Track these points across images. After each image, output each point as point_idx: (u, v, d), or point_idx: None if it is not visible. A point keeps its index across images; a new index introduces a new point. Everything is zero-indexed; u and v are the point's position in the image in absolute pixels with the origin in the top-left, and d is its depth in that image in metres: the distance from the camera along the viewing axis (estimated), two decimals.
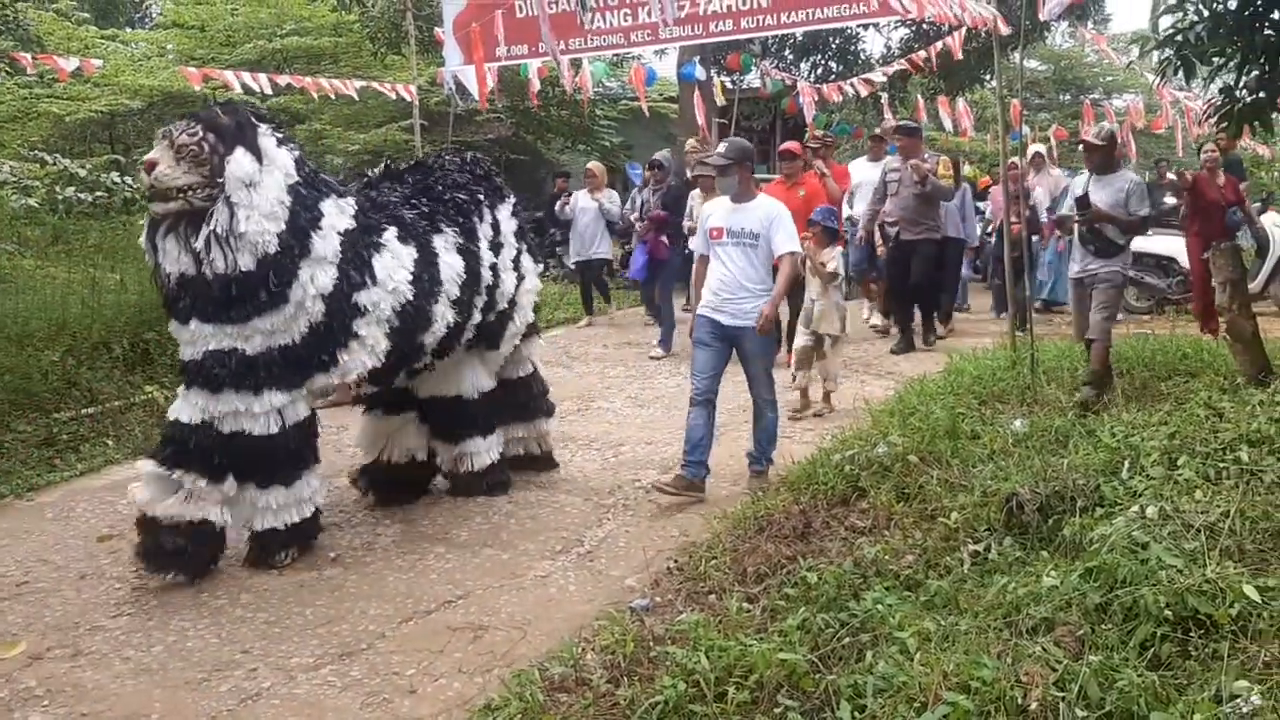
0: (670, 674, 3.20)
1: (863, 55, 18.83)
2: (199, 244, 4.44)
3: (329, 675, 3.85)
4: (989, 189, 12.79)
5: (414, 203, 5.34)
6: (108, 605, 4.53)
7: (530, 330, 6.13)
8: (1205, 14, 5.18)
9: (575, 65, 11.94)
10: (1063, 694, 2.77)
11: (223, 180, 4.47)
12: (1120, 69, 23.84)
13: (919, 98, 16.51)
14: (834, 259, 7.33)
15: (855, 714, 2.89)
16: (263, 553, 4.83)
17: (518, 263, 5.86)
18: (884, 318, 10.74)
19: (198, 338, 4.57)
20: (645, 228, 9.92)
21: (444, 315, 5.21)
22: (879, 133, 12.04)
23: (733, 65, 15.04)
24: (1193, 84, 7.83)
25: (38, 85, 13.75)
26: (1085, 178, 6.91)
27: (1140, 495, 4.09)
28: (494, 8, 9.71)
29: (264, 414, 4.59)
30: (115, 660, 4.00)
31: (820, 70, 18.94)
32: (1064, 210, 7.18)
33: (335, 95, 11.62)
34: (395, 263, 4.97)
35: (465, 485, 5.77)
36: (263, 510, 4.74)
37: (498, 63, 10.35)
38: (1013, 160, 10.82)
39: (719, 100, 14.55)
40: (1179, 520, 3.73)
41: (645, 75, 13.27)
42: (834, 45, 18.74)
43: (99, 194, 11.47)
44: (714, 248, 5.71)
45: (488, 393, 5.81)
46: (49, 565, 4.98)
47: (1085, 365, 6.80)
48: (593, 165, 11.82)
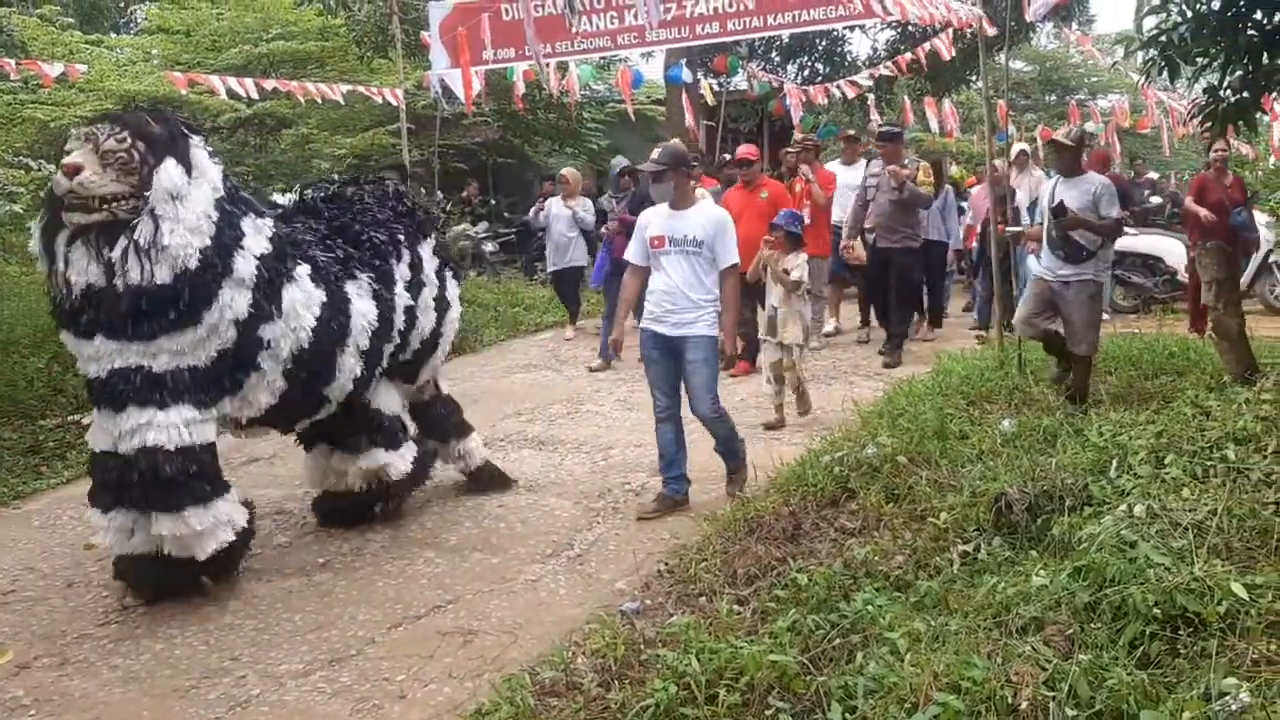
0: (661, 677, 3.20)
1: (849, 57, 18.88)
2: (114, 255, 4.13)
3: (318, 681, 3.83)
4: (973, 189, 12.72)
5: (329, 243, 5.05)
6: (95, 613, 4.51)
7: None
8: (1189, 14, 5.20)
9: (562, 68, 11.95)
10: (1053, 693, 2.78)
11: (149, 193, 4.19)
12: (1105, 69, 23.97)
13: (905, 99, 16.56)
14: (798, 266, 7.01)
15: (846, 715, 2.89)
16: (130, 584, 4.53)
17: (440, 300, 5.68)
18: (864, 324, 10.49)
19: (102, 354, 4.26)
20: (614, 229, 9.71)
21: (351, 368, 4.94)
22: (852, 134, 11.78)
23: (719, 68, 15.05)
24: (1177, 84, 7.84)
25: (22, 91, 13.66)
26: (1054, 181, 6.75)
27: (1128, 494, 4.10)
28: (480, 11, 9.71)
29: (170, 427, 4.26)
30: (103, 669, 3.98)
31: (807, 72, 18.98)
32: (1037, 217, 6.90)
33: (322, 99, 11.59)
34: (304, 300, 4.67)
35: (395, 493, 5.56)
36: (178, 535, 4.37)
37: (484, 66, 10.35)
38: (999, 162, 10.83)
39: (710, 101, 14.58)
40: (1167, 519, 3.75)
41: (632, 78, 13.29)
42: (820, 47, 18.78)
43: None
44: (655, 257, 5.42)
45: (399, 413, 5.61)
46: (36, 573, 4.95)
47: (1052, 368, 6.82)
48: (566, 171, 11.48)
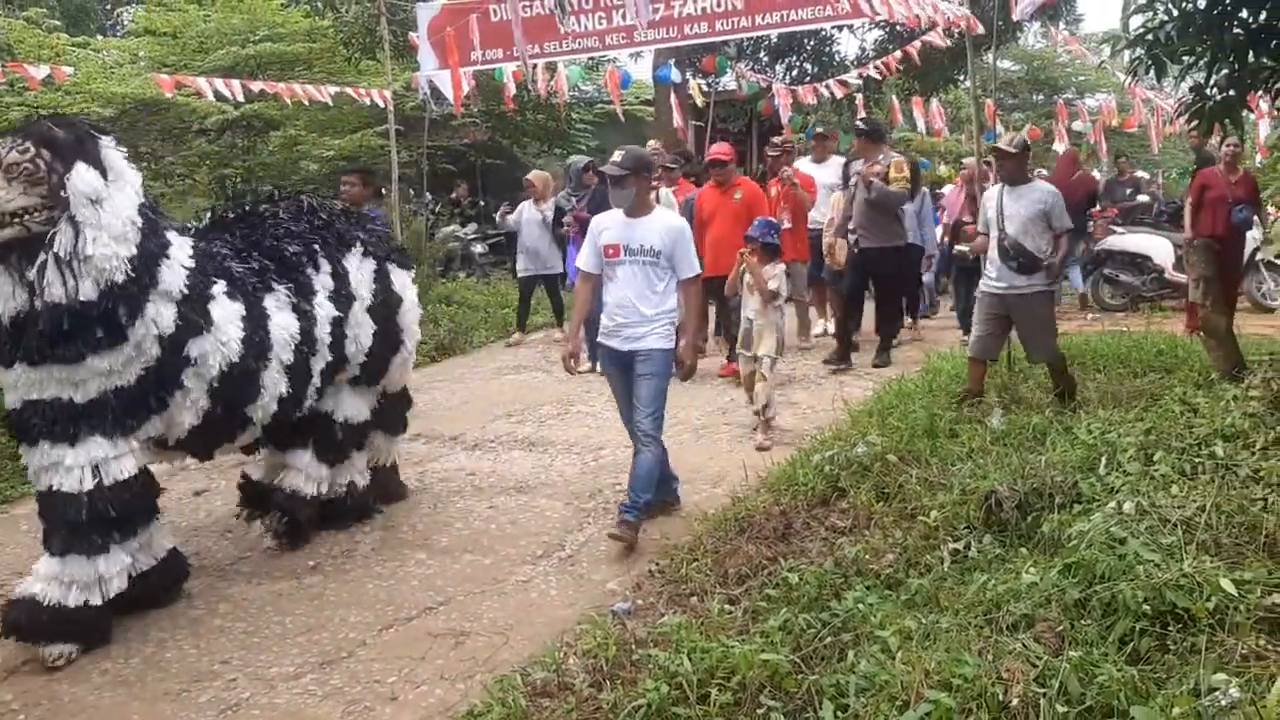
0: (653, 677, 3.20)
1: (838, 57, 18.93)
2: (34, 273, 3.87)
3: (309, 684, 3.82)
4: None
5: (243, 257, 4.78)
6: None
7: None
8: (1175, 13, 5.24)
9: (551, 69, 11.93)
10: (1043, 690, 2.78)
11: (66, 196, 3.92)
12: (1092, 69, 24.05)
13: (894, 99, 16.60)
14: (775, 277, 6.72)
15: (838, 713, 2.89)
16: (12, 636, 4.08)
17: (385, 302, 5.41)
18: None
19: (20, 384, 3.99)
20: (571, 225, 9.51)
21: (275, 384, 4.67)
22: (821, 132, 11.46)
23: (708, 68, 15.08)
24: (1164, 83, 7.85)
25: (8, 94, 13.60)
26: (999, 189, 6.53)
27: (1117, 491, 4.12)
28: (468, 12, 9.70)
29: (78, 468, 4.00)
30: (93, 673, 3.96)
31: (795, 72, 19.02)
32: (986, 220, 6.63)
33: (309, 101, 11.57)
34: (226, 315, 4.43)
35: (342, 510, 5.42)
36: (50, 580, 4.06)
37: (472, 67, 10.34)
38: (969, 160, 10.78)
39: (698, 101, 14.59)
40: (1156, 515, 3.77)
41: (620, 78, 13.29)
42: (809, 47, 18.83)
43: None
44: (609, 267, 5.14)
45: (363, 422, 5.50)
46: (24, 577, 4.92)
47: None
48: (533, 175, 11.12)
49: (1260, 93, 5.63)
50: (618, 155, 5.17)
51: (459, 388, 8.88)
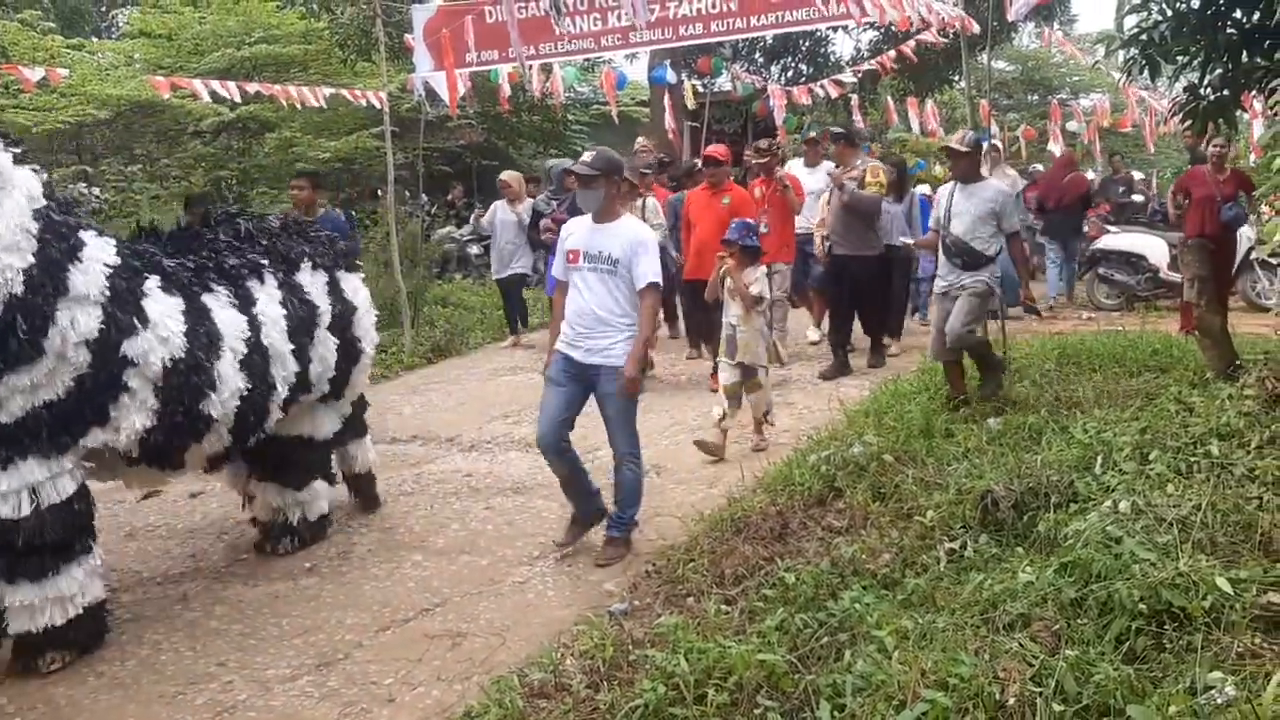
0: (650, 677, 3.20)
1: (833, 58, 18.94)
2: None
3: (306, 686, 3.82)
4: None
5: (179, 260, 4.55)
6: None
7: None
8: (1169, 13, 5.24)
9: (546, 70, 11.93)
10: (1040, 689, 2.79)
11: None
12: (1086, 69, 24.09)
13: (889, 99, 16.61)
14: (757, 280, 6.37)
15: (835, 713, 2.89)
16: (22, 659, 4.01)
17: (342, 315, 5.23)
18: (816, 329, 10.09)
19: None
20: (550, 227, 9.02)
21: (233, 381, 4.43)
22: (814, 136, 11.18)
23: (703, 69, 15.08)
24: (1158, 83, 7.86)
25: (3, 96, 13.61)
26: (951, 188, 6.47)
27: (1113, 490, 4.13)
28: (464, 13, 9.70)
29: (13, 494, 3.79)
30: (89, 675, 3.96)
31: (791, 73, 19.04)
32: (936, 218, 6.56)
33: (304, 103, 11.55)
34: (164, 310, 4.20)
35: (309, 534, 5.25)
36: (14, 610, 3.94)
37: (468, 68, 10.34)
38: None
39: (690, 104, 14.59)
40: (1151, 514, 3.77)
41: (616, 80, 13.29)
42: (804, 48, 18.84)
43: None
44: (571, 273, 4.92)
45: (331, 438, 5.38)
46: None
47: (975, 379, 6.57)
48: (506, 176, 10.93)
49: (1254, 92, 5.64)
50: (588, 155, 4.99)
51: (455, 389, 8.88)
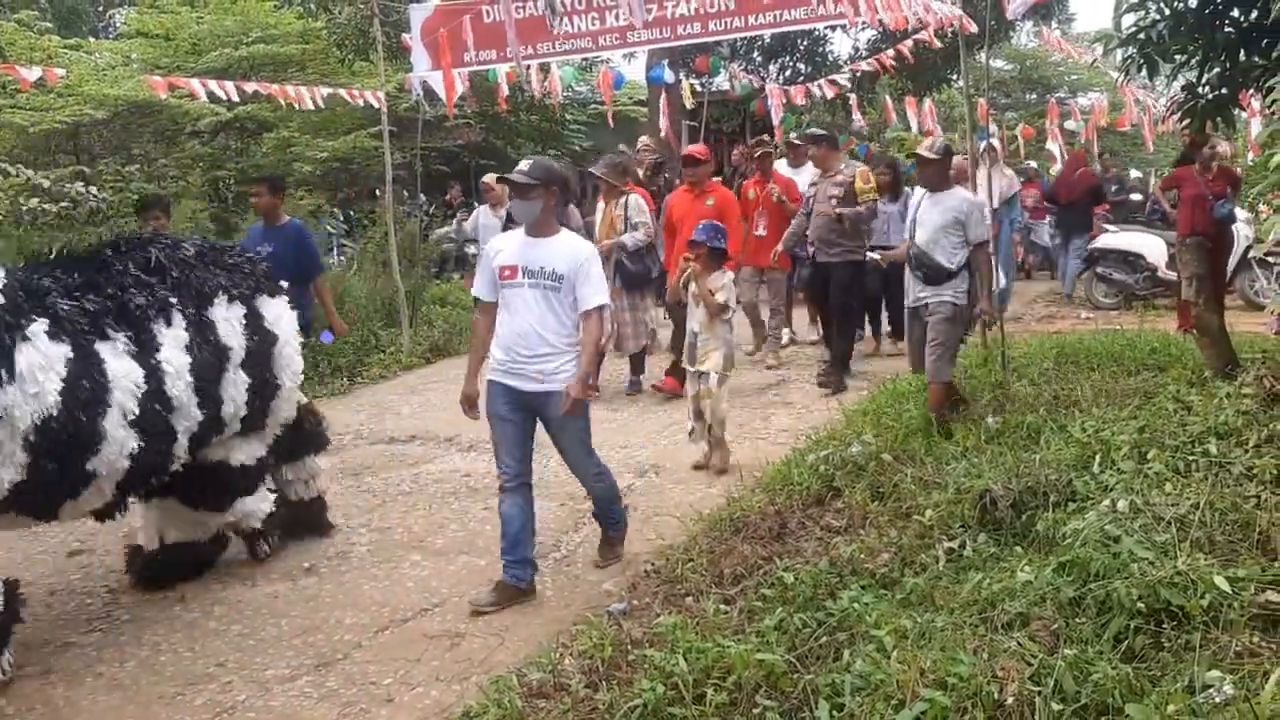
0: (649, 677, 3.21)
1: (831, 57, 18.93)
2: None
3: (305, 686, 3.82)
4: None
5: (77, 297, 4.17)
6: (79, 621, 4.48)
7: None
8: (1167, 12, 5.25)
9: (544, 69, 11.93)
10: (1039, 688, 2.79)
11: None
12: (1084, 68, 24.10)
13: (887, 98, 16.61)
14: (723, 287, 6.06)
15: (834, 713, 2.89)
16: None
17: (260, 344, 4.86)
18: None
19: None
20: None
21: (122, 441, 4.05)
22: (794, 139, 10.63)
23: (701, 68, 15.06)
24: (1155, 81, 7.85)
25: (0, 96, 13.59)
26: (920, 196, 6.24)
27: (1111, 489, 4.13)
28: (461, 13, 9.69)
29: None
30: (88, 677, 3.96)
31: (789, 72, 19.02)
32: (907, 226, 6.30)
33: (302, 103, 11.54)
34: (42, 361, 3.81)
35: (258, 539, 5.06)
36: None
37: (466, 68, 10.33)
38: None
39: (688, 103, 14.58)
40: (1150, 513, 3.77)
41: (613, 79, 13.28)
42: (802, 47, 18.83)
43: (63, 205, 11.34)
44: (505, 291, 4.51)
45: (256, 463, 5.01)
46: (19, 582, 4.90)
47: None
48: (488, 179, 10.61)
49: (1252, 91, 5.64)
50: (525, 164, 4.60)
51: (454, 389, 8.76)
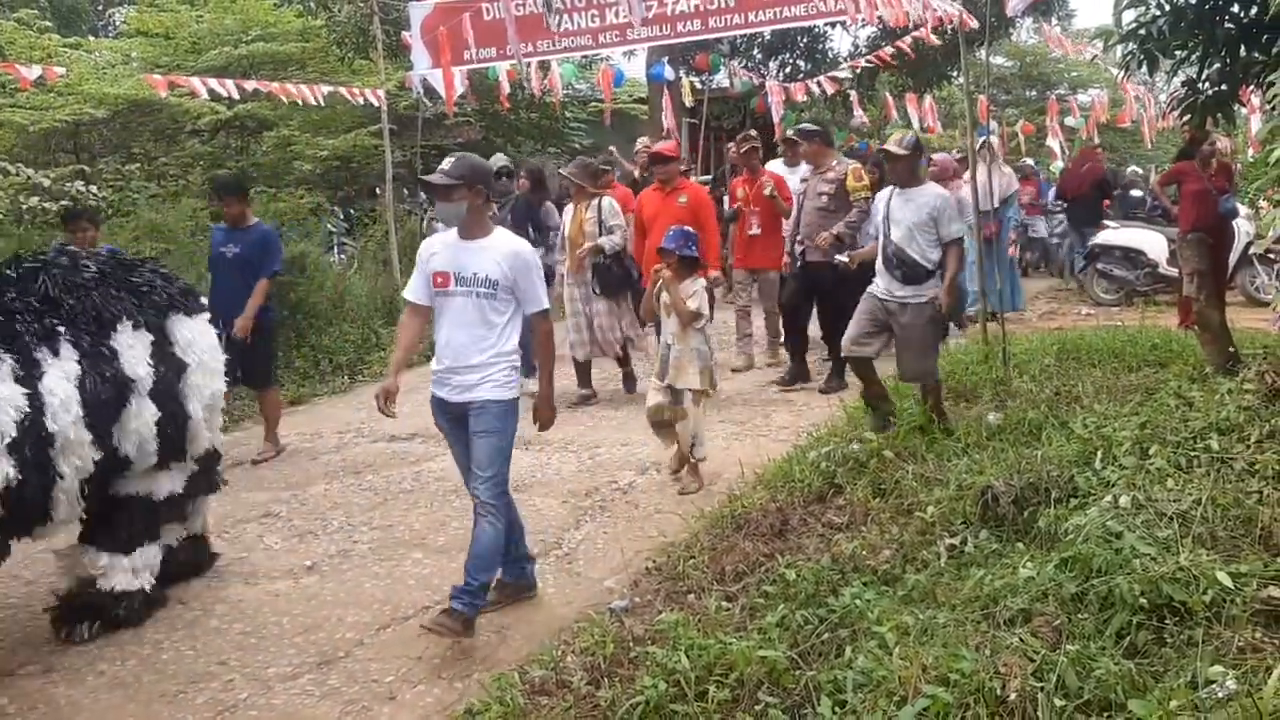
0: (651, 674, 3.21)
1: (831, 53, 18.91)
2: None
3: (307, 684, 3.82)
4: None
5: None
6: None
7: None
8: (1167, 8, 5.24)
9: (544, 67, 11.93)
10: (1041, 684, 2.79)
11: None
12: (1085, 64, 24.09)
13: (887, 95, 16.60)
14: (695, 294, 5.74)
15: (836, 709, 2.89)
16: None
17: (168, 381, 4.49)
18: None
19: None
20: None
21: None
22: (791, 135, 10.14)
23: (701, 65, 15.07)
24: (1155, 77, 7.83)
25: (0, 95, 13.58)
26: (889, 193, 6.05)
27: (1113, 485, 4.13)
28: (461, 11, 9.69)
29: None
30: (89, 675, 3.96)
31: (789, 69, 19.01)
32: (876, 225, 6.14)
33: (303, 101, 11.55)
34: None
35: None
36: None
37: (466, 66, 10.34)
38: (939, 156, 10.56)
39: (688, 100, 14.58)
40: (1152, 509, 3.77)
41: (613, 77, 13.27)
42: (802, 44, 18.81)
43: (64, 204, 11.33)
44: (437, 299, 4.26)
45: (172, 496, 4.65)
46: (19, 580, 4.91)
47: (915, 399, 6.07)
48: None
49: (1252, 87, 5.64)
50: (447, 163, 4.28)
51: None
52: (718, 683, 3.12)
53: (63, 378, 4.03)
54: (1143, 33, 5.28)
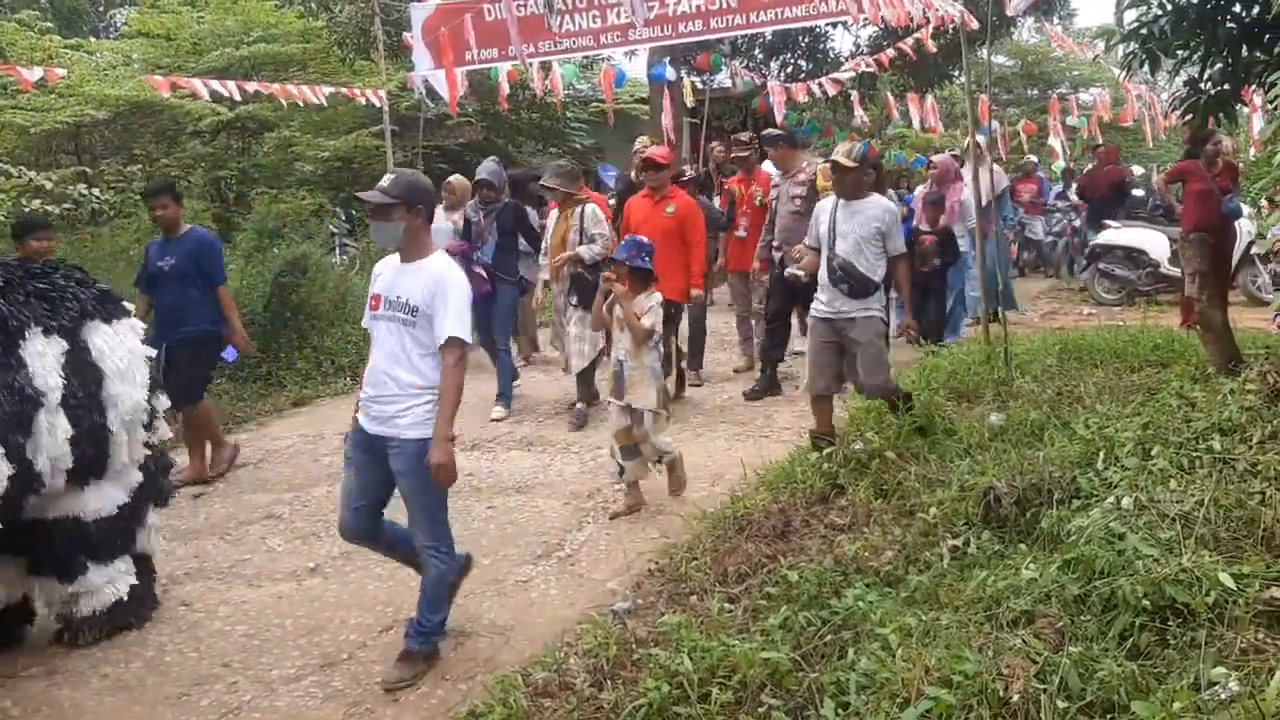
0: (654, 676, 3.21)
1: (832, 53, 18.91)
2: None
3: (310, 686, 3.83)
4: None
5: None
6: None
7: None
8: (1169, 7, 5.24)
9: (545, 68, 11.93)
10: (1044, 686, 2.79)
11: None
12: (1086, 63, 24.08)
13: (889, 95, 16.60)
14: (650, 310, 5.48)
15: (838, 711, 2.90)
16: None
17: (83, 392, 4.18)
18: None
19: None
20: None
21: None
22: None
23: (703, 65, 15.05)
24: (1158, 77, 7.81)
25: (1, 96, 13.59)
26: (834, 204, 5.85)
27: (1116, 486, 4.12)
28: (463, 11, 9.68)
29: None
30: (93, 678, 3.97)
31: (790, 69, 19.01)
32: (817, 236, 5.90)
33: (304, 102, 11.56)
34: None
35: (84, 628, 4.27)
36: None
37: (467, 66, 10.33)
38: (939, 158, 10.57)
39: (689, 101, 14.58)
40: (1154, 510, 3.77)
41: (615, 77, 13.27)
42: (803, 44, 18.81)
43: (66, 206, 11.35)
44: (370, 322, 4.06)
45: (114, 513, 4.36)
46: None
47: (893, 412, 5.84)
48: (454, 179, 10.16)
49: (1254, 86, 5.64)
50: (385, 180, 4.03)
51: None
52: (720, 684, 3.12)
53: None
54: (1144, 32, 5.28)
